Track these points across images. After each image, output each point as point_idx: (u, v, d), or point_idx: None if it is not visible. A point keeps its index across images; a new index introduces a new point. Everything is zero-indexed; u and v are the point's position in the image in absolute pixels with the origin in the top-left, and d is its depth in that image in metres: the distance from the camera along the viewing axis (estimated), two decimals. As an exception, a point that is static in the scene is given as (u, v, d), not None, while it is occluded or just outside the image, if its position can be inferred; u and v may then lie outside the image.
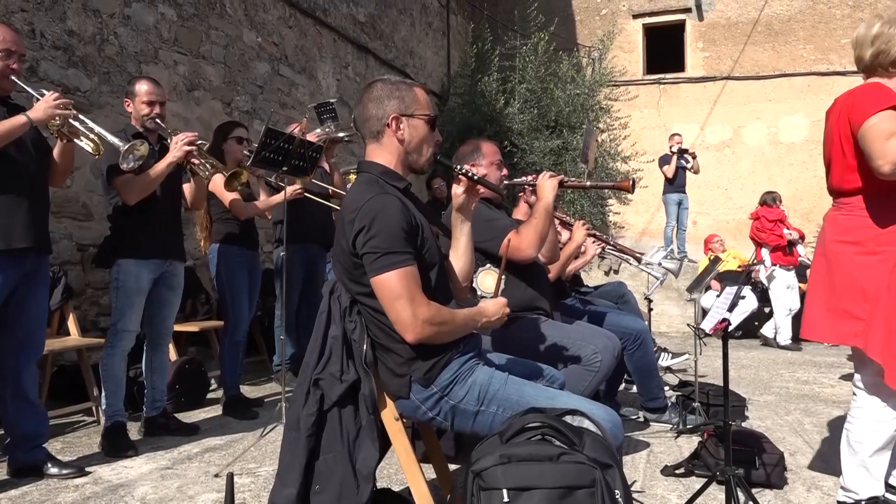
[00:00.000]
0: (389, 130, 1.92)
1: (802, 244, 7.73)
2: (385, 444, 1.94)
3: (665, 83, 12.27)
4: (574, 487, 1.45)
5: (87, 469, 2.96)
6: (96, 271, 4.59)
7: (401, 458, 1.95)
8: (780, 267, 7.40)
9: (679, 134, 9.64)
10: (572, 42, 12.23)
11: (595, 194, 10.02)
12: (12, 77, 2.79)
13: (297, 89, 7.33)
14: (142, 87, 3.35)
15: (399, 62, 9.80)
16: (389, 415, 1.91)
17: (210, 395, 4.43)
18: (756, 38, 11.76)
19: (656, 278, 4.65)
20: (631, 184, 2.83)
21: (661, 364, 5.03)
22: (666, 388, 3.91)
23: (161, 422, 3.57)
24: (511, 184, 3.13)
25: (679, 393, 4.10)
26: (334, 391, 1.83)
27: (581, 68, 11.43)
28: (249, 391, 4.57)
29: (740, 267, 7.25)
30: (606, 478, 1.47)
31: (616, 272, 8.59)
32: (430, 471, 2.37)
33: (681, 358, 5.32)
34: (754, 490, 2.49)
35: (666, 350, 5.41)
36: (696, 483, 2.60)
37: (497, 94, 10.09)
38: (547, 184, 2.75)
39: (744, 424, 3.70)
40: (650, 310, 4.97)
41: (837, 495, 2.41)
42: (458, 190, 2.05)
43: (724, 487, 2.28)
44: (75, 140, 2.95)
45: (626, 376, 4.01)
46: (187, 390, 4.17)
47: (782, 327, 7.32)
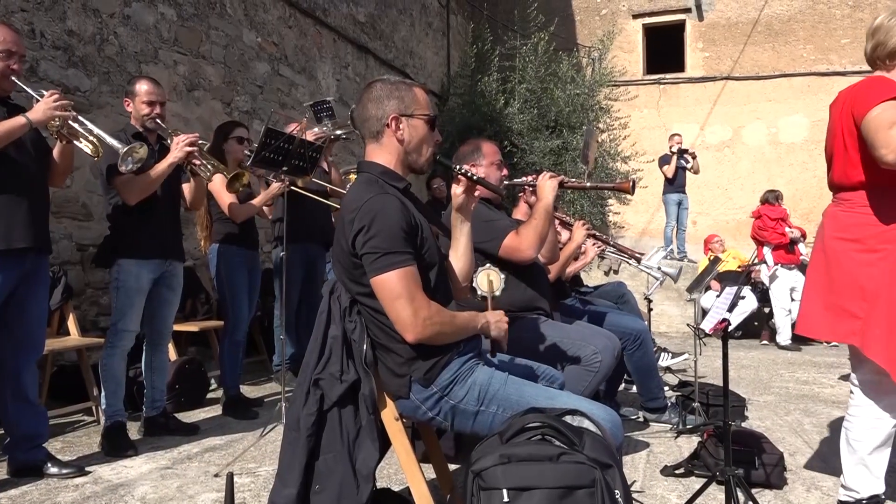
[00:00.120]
0: (389, 130, 1.92)
1: (804, 242, 7.72)
2: (385, 444, 1.94)
3: (665, 83, 12.27)
4: (574, 487, 1.45)
5: (87, 469, 2.97)
6: (96, 271, 4.59)
7: (401, 458, 1.95)
8: (782, 266, 7.40)
9: (679, 134, 9.64)
10: (572, 42, 12.23)
11: (595, 194, 10.02)
12: (12, 78, 2.79)
13: (297, 89, 7.33)
14: (142, 87, 3.35)
15: (399, 62, 9.80)
16: (389, 415, 1.91)
17: (210, 395, 4.43)
18: (756, 38, 11.76)
19: (656, 279, 4.65)
20: (631, 185, 2.83)
21: (661, 364, 5.03)
22: (666, 389, 3.91)
23: (161, 422, 3.57)
24: (511, 184, 3.12)
25: (679, 393, 4.10)
26: (334, 391, 1.83)
27: (581, 68, 11.43)
28: (249, 391, 4.57)
29: (740, 267, 7.26)
30: (606, 478, 1.47)
31: (616, 272, 8.59)
32: (430, 471, 2.37)
33: (680, 358, 5.32)
34: (754, 490, 2.49)
35: (666, 350, 5.41)
36: (696, 483, 2.60)
37: (497, 94, 10.09)
38: (547, 184, 2.75)
39: (743, 424, 3.70)
40: (650, 310, 4.97)
41: (838, 494, 2.41)
42: (458, 190, 2.05)
43: (724, 487, 2.28)
44: (74, 142, 2.95)
45: (626, 376, 4.01)
46: (187, 390, 4.17)
47: (782, 327, 7.31)
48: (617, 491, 1.47)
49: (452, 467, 2.51)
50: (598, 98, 10.70)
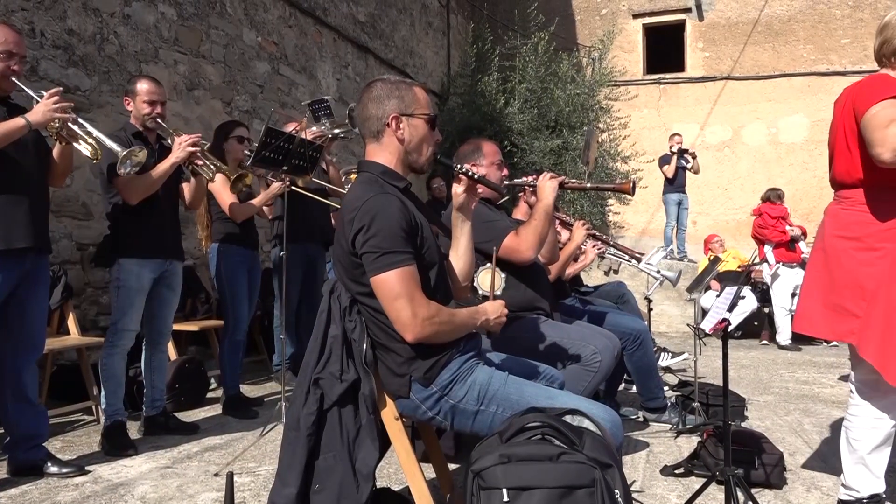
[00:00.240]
0: (389, 130, 1.92)
1: (805, 241, 7.72)
2: (385, 444, 1.94)
3: (665, 83, 12.27)
4: (574, 487, 1.45)
5: (87, 468, 2.97)
6: (96, 270, 4.59)
7: (400, 458, 1.95)
8: (784, 265, 7.40)
9: (679, 134, 9.65)
10: (572, 42, 12.23)
11: (595, 194, 10.01)
12: (13, 78, 2.78)
13: (297, 89, 7.33)
14: (142, 87, 3.34)
15: (399, 62, 9.80)
16: (389, 414, 1.91)
17: (210, 395, 4.43)
18: (756, 38, 11.76)
19: (656, 279, 4.66)
20: (631, 186, 2.82)
21: (661, 364, 5.03)
22: (665, 388, 3.91)
23: (161, 421, 3.57)
24: (511, 184, 3.12)
25: (679, 393, 4.11)
26: (334, 391, 1.83)
27: (581, 68, 11.43)
28: (249, 390, 4.57)
29: (740, 267, 7.26)
30: (606, 477, 1.47)
31: (616, 272, 8.58)
32: (430, 470, 2.37)
33: (680, 358, 5.32)
34: (754, 490, 2.49)
35: (665, 350, 5.41)
36: (696, 483, 2.60)
37: (497, 94, 10.08)
38: (547, 185, 2.74)
39: (743, 424, 3.70)
40: (650, 310, 4.97)
41: (839, 493, 2.41)
42: (459, 189, 2.06)
43: (724, 487, 2.29)
44: (73, 143, 2.95)
45: (626, 376, 4.02)
46: (187, 389, 4.17)
47: (782, 327, 7.31)
48: (617, 491, 1.48)
49: (452, 467, 2.51)
50: (598, 98, 10.69)
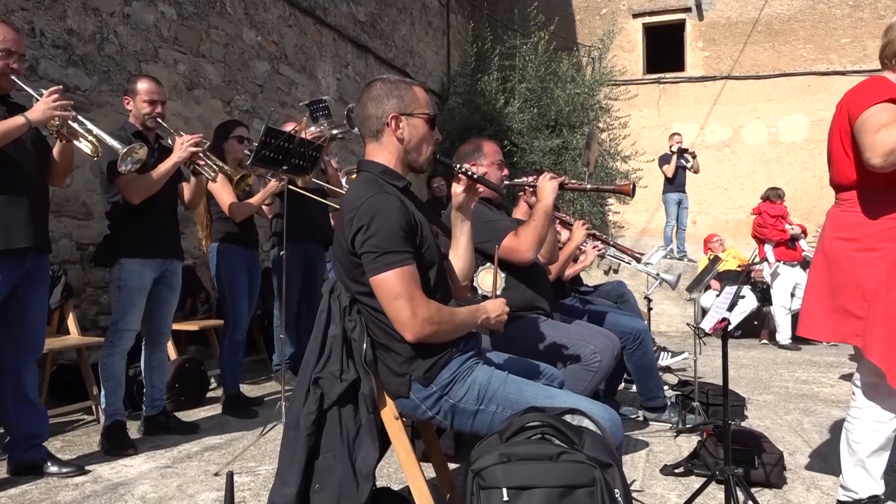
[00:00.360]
0: (389, 129, 1.92)
1: (805, 239, 7.71)
2: (385, 443, 1.94)
3: (665, 83, 12.26)
4: (574, 486, 1.45)
5: (87, 468, 2.97)
6: (96, 270, 4.59)
7: (400, 458, 1.95)
8: (784, 263, 7.39)
9: (679, 133, 9.64)
10: (572, 41, 12.22)
11: (595, 194, 10.02)
12: (12, 77, 2.78)
13: (297, 88, 7.33)
14: (142, 86, 3.34)
15: (399, 61, 9.79)
16: (389, 414, 1.91)
17: (210, 394, 4.43)
18: (756, 38, 11.76)
19: (655, 278, 4.66)
20: (631, 188, 2.81)
21: (661, 363, 5.03)
22: (665, 388, 3.91)
23: (161, 420, 3.57)
24: (511, 184, 3.12)
25: (678, 392, 4.11)
26: (334, 390, 1.83)
27: (581, 68, 11.43)
28: (249, 390, 4.57)
29: (740, 266, 7.25)
30: (606, 477, 1.47)
31: (616, 272, 8.59)
32: (430, 470, 2.37)
33: (680, 357, 5.32)
34: (753, 489, 2.49)
35: (665, 349, 5.41)
36: (696, 482, 2.61)
37: (497, 94, 10.08)
38: (547, 185, 2.74)
39: (743, 424, 3.70)
40: (650, 309, 4.97)
41: (837, 494, 2.41)
42: (458, 189, 2.06)
43: (724, 487, 2.29)
44: (74, 141, 2.94)
45: (626, 376, 4.02)
46: (187, 389, 4.17)
47: (782, 326, 7.31)
48: (616, 490, 1.48)
49: (452, 466, 2.52)
50: (598, 97, 10.69)
